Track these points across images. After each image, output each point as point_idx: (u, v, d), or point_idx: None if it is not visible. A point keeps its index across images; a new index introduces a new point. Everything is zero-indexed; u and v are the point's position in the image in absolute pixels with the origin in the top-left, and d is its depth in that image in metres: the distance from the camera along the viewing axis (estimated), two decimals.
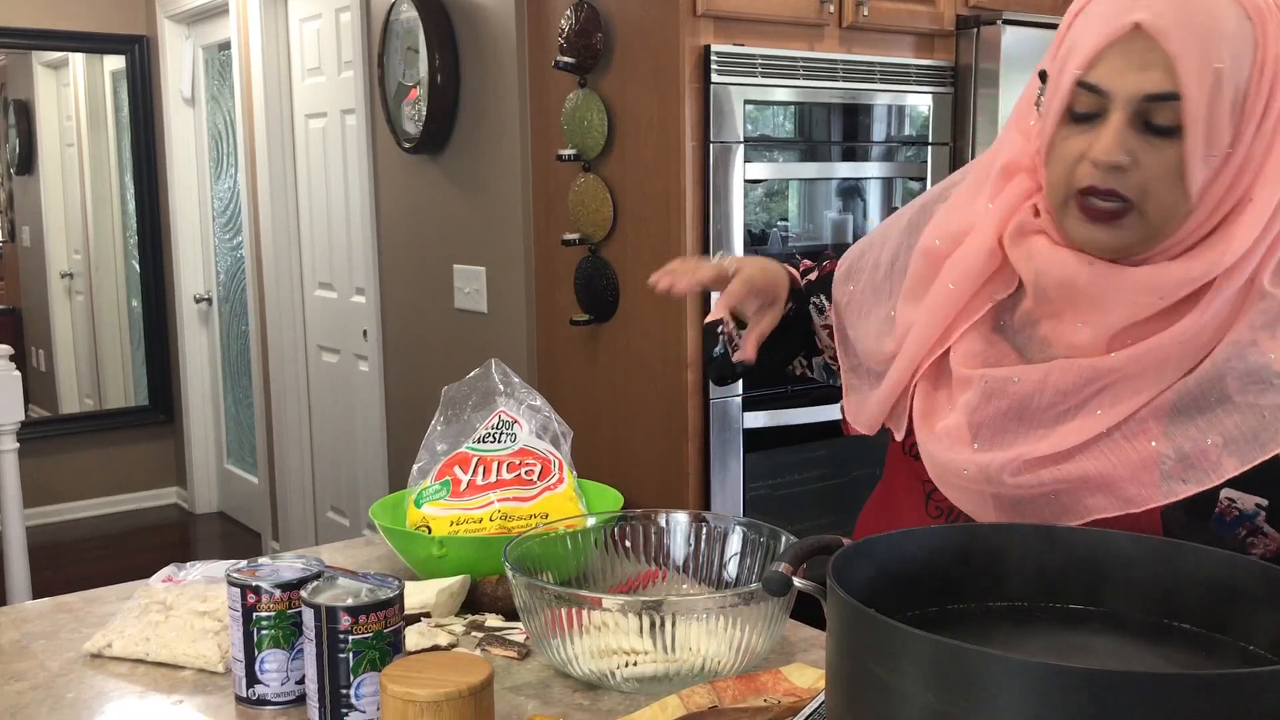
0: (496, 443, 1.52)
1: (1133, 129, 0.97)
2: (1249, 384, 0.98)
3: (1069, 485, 1.02)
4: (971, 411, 1.07)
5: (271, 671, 1.11)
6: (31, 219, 5.34)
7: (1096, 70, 0.98)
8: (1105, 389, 1.02)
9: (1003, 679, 0.68)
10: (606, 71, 2.72)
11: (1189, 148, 0.95)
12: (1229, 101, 0.95)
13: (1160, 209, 0.98)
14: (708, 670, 1.13)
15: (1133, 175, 0.98)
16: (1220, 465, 0.98)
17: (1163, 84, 0.95)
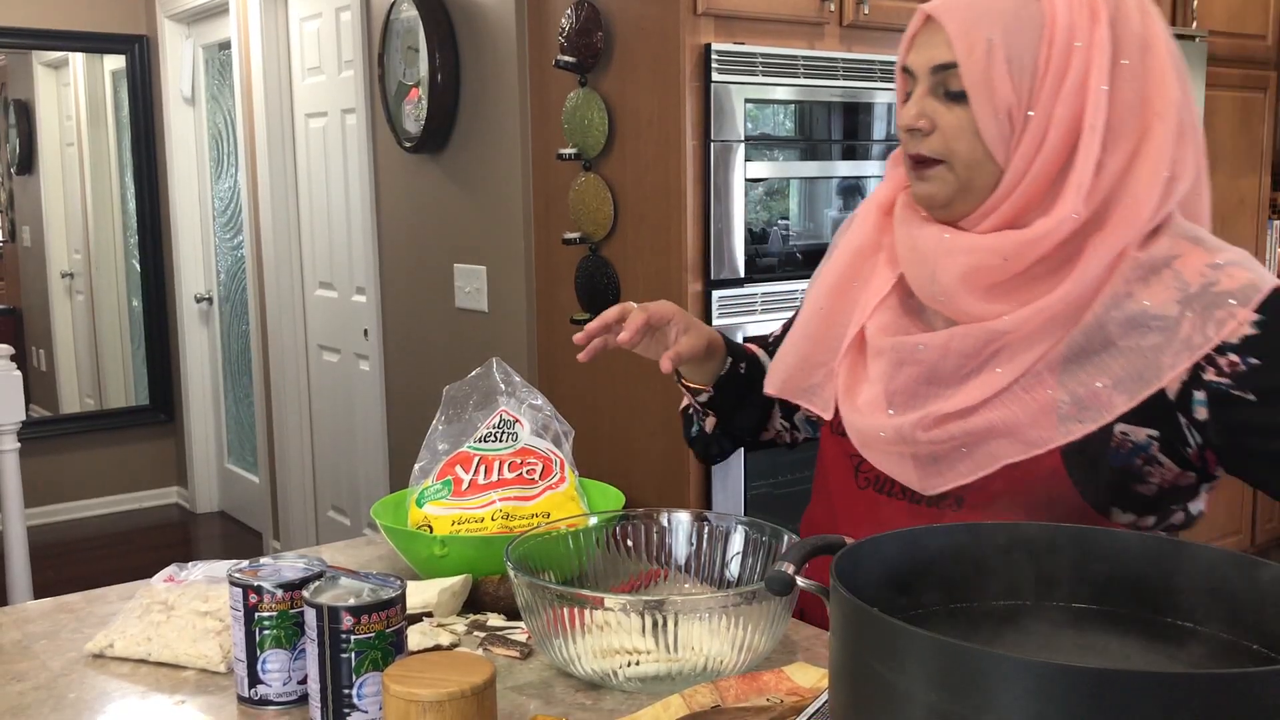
0: (498, 442, 1.52)
1: (933, 97, 1.15)
2: (1129, 329, 1.10)
3: (976, 436, 1.13)
4: (886, 381, 1.20)
5: (274, 672, 1.11)
6: (32, 219, 5.34)
7: (909, 57, 1.19)
8: (1002, 349, 1.13)
9: (1006, 678, 0.68)
10: (607, 70, 2.72)
11: (975, 105, 1.12)
12: (1008, 67, 1.11)
13: (965, 164, 1.14)
14: (710, 670, 1.13)
15: (935, 137, 1.15)
16: (1112, 403, 1.10)
17: (944, 55, 1.13)
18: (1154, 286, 1.11)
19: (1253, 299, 1.08)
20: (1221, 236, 1.19)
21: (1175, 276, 1.11)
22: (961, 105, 1.13)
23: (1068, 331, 1.12)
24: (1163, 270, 1.11)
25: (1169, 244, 1.13)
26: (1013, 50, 1.10)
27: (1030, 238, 1.12)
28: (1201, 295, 1.09)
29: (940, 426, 1.15)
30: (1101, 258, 1.11)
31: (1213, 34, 3.50)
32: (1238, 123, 3.74)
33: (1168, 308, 1.10)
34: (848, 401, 1.24)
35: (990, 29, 1.11)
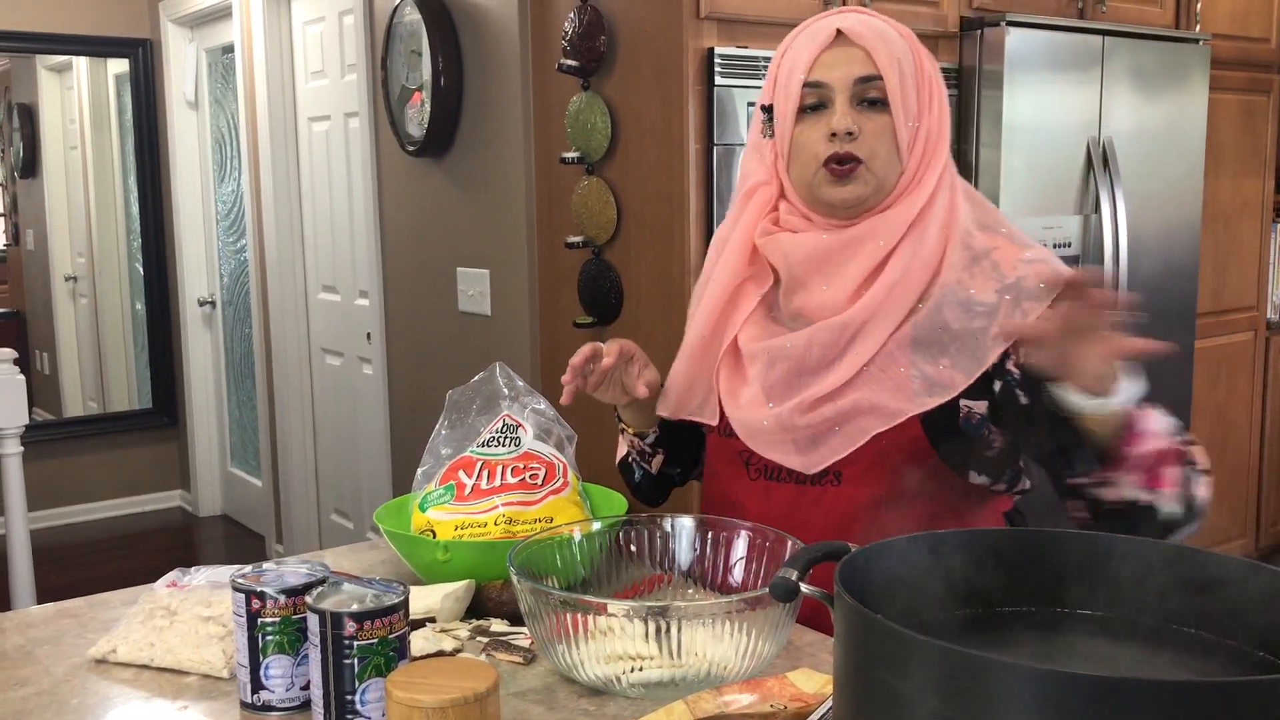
0: (501, 447, 1.52)
1: (853, 108, 1.31)
2: (962, 314, 1.29)
3: (845, 414, 1.31)
4: (763, 379, 1.36)
5: (276, 677, 1.11)
6: (35, 222, 5.35)
7: (816, 72, 1.31)
8: (857, 335, 1.31)
9: (1011, 686, 0.68)
10: (610, 74, 2.72)
11: (894, 114, 1.31)
12: (910, 83, 1.31)
13: (882, 165, 1.32)
14: (714, 676, 1.12)
15: (860, 141, 1.30)
16: (954, 381, 1.29)
17: (868, 68, 1.30)
18: (978, 276, 1.31)
19: (1044, 298, 1.27)
20: (1225, 239, 1.25)
21: (994, 268, 1.31)
22: (880, 113, 1.31)
23: (909, 311, 1.31)
24: (984, 261, 1.32)
25: (988, 238, 1.34)
26: (907, 71, 1.32)
27: (898, 219, 1.32)
28: (1015, 286, 1.29)
29: (815, 410, 1.31)
30: (922, 242, 1.32)
31: (1216, 37, 3.50)
32: (1241, 126, 3.74)
33: (989, 295, 1.29)
34: (731, 402, 1.40)
35: (896, 50, 1.31)
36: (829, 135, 1.30)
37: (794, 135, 1.33)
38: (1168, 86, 3.30)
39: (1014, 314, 1.27)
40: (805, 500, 1.36)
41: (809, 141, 1.32)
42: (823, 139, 1.31)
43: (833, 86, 1.31)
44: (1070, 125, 3.09)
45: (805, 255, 1.34)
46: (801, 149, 1.33)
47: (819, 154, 1.31)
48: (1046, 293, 1.27)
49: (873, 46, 1.30)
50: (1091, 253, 3.16)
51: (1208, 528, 3.82)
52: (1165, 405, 1.29)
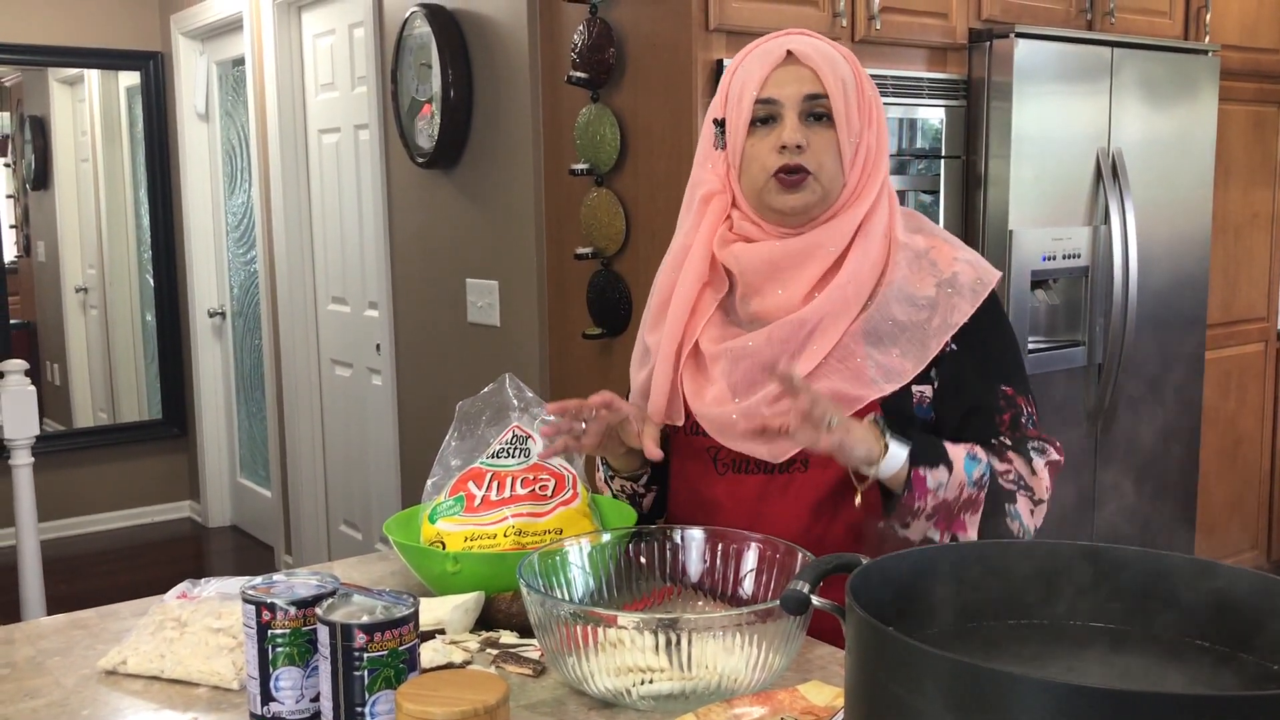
0: (510, 458, 1.52)
1: (801, 121, 1.39)
2: (908, 308, 1.41)
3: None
4: (728, 376, 1.43)
5: (286, 689, 1.11)
6: (47, 234, 5.37)
7: (767, 89, 1.40)
8: (814, 331, 1.40)
9: (1024, 699, 0.68)
10: (619, 86, 2.72)
11: (839, 130, 1.40)
12: (853, 102, 1.41)
13: (828, 176, 1.41)
14: (724, 688, 1.12)
15: (809, 154, 1.39)
16: (904, 370, 1.39)
17: (816, 87, 1.39)
18: (919, 273, 1.42)
19: (976, 297, 1.41)
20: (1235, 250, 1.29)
21: (932, 265, 1.43)
22: (826, 128, 1.40)
23: (861, 308, 1.40)
24: (923, 259, 1.43)
25: (925, 239, 1.46)
26: (850, 90, 1.41)
27: (843, 229, 1.41)
28: (951, 281, 1.41)
29: (778, 403, 1.36)
30: (870, 244, 1.42)
31: (1225, 48, 3.49)
32: (1251, 137, 3.73)
33: (929, 289, 1.41)
34: (697, 401, 1.47)
35: (841, 72, 1.41)
36: (779, 148, 1.39)
37: (745, 148, 1.42)
38: (1177, 97, 3.30)
39: (950, 308, 1.40)
40: (773, 488, 1.43)
41: (759, 154, 1.41)
42: (773, 151, 1.39)
43: (783, 103, 1.40)
44: (1079, 136, 3.09)
45: (761, 262, 1.42)
46: (752, 161, 1.42)
47: (769, 165, 1.40)
48: (982, 288, 1.42)
49: (820, 67, 1.39)
50: (1101, 264, 3.16)
51: (1219, 538, 3.82)
52: (1175, 415, 1.31)
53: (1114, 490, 3.32)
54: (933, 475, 1.32)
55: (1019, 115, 2.92)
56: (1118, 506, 3.36)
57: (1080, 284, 3.18)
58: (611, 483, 1.60)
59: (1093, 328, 3.18)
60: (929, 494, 1.32)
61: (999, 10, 3.01)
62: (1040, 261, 3.02)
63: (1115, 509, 3.35)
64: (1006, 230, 2.95)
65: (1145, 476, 3.40)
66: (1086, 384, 3.21)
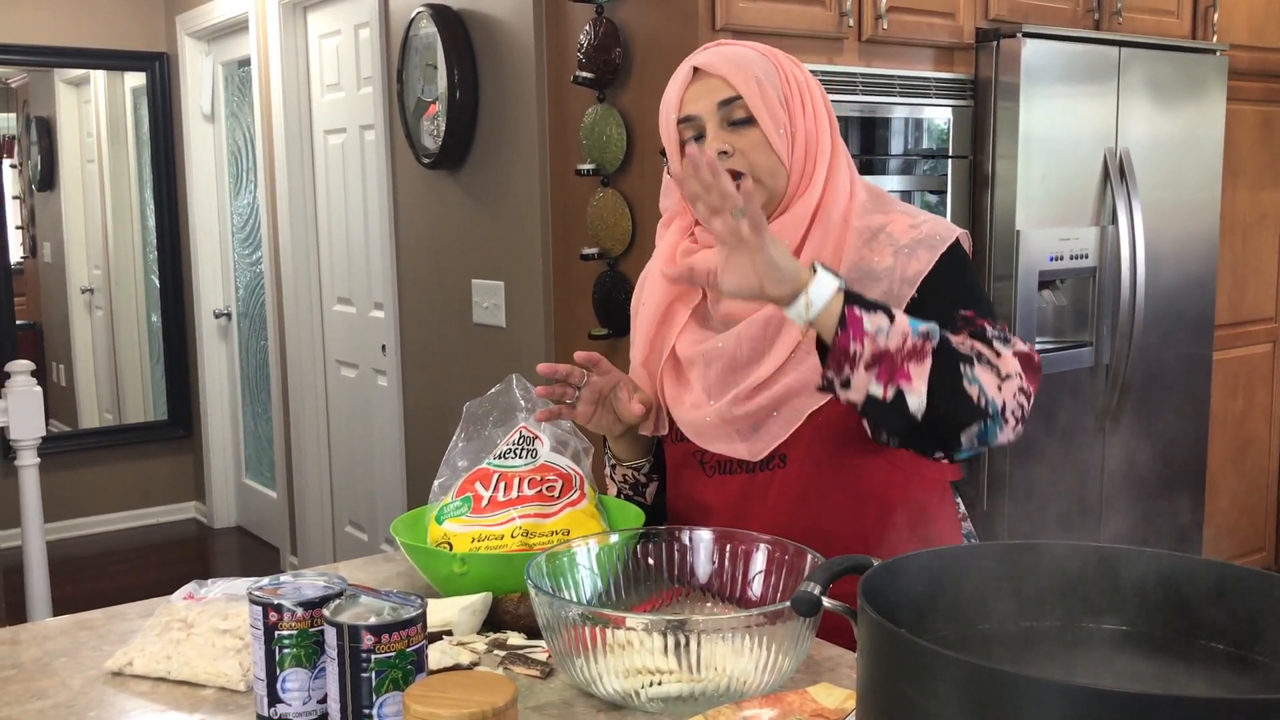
0: (517, 458, 1.51)
1: (723, 129, 1.41)
2: (868, 284, 1.39)
3: (780, 398, 1.40)
4: (702, 379, 1.46)
5: (293, 691, 1.10)
6: (52, 234, 5.38)
7: (685, 108, 1.44)
8: (780, 327, 1.40)
9: (1038, 702, 0.67)
10: (625, 86, 2.72)
11: (763, 124, 1.40)
12: (774, 96, 1.41)
13: (766, 172, 1.41)
14: (733, 690, 1.11)
15: (737, 158, 1.40)
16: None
17: (727, 92, 1.41)
18: (875, 248, 1.42)
19: (938, 247, 1.40)
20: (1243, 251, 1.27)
21: (889, 238, 1.42)
22: (749, 128, 1.40)
23: None
24: (879, 235, 1.43)
25: (881, 217, 1.45)
26: (770, 85, 1.41)
27: (794, 219, 1.42)
28: (909, 245, 1.41)
29: (751, 399, 1.41)
30: (828, 231, 1.42)
31: (1234, 48, 3.48)
32: (1259, 136, 3.72)
33: (886, 260, 1.41)
34: (677, 407, 1.50)
35: (754, 71, 1.41)
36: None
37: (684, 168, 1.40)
38: (1185, 97, 3.29)
39: (910, 263, 1.39)
40: (756, 487, 1.45)
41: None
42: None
43: (701, 116, 1.42)
44: (1087, 136, 3.08)
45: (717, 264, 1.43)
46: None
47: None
48: (940, 242, 1.41)
49: (727, 72, 1.41)
50: (1108, 264, 3.15)
51: (1227, 539, 3.81)
52: (1183, 416, 1.30)
53: (1122, 491, 3.31)
54: (870, 319, 1.23)
55: (1026, 115, 2.91)
56: (1126, 507, 3.35)
57: (1088, 285, 3.17)
58: (614, 472, 1.60)
59: (1100, 328, 3.17)
60: (866, 336, 1.23)
61: (1006, 10, 3.00)
62: (1047, 262, 3.02)
63: (1123, 510, 3.34)
64: (1014, 231, 2.94)
65: (1153, 477, 3.39)
66: (1094, 385, 3.20)
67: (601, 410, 1.49)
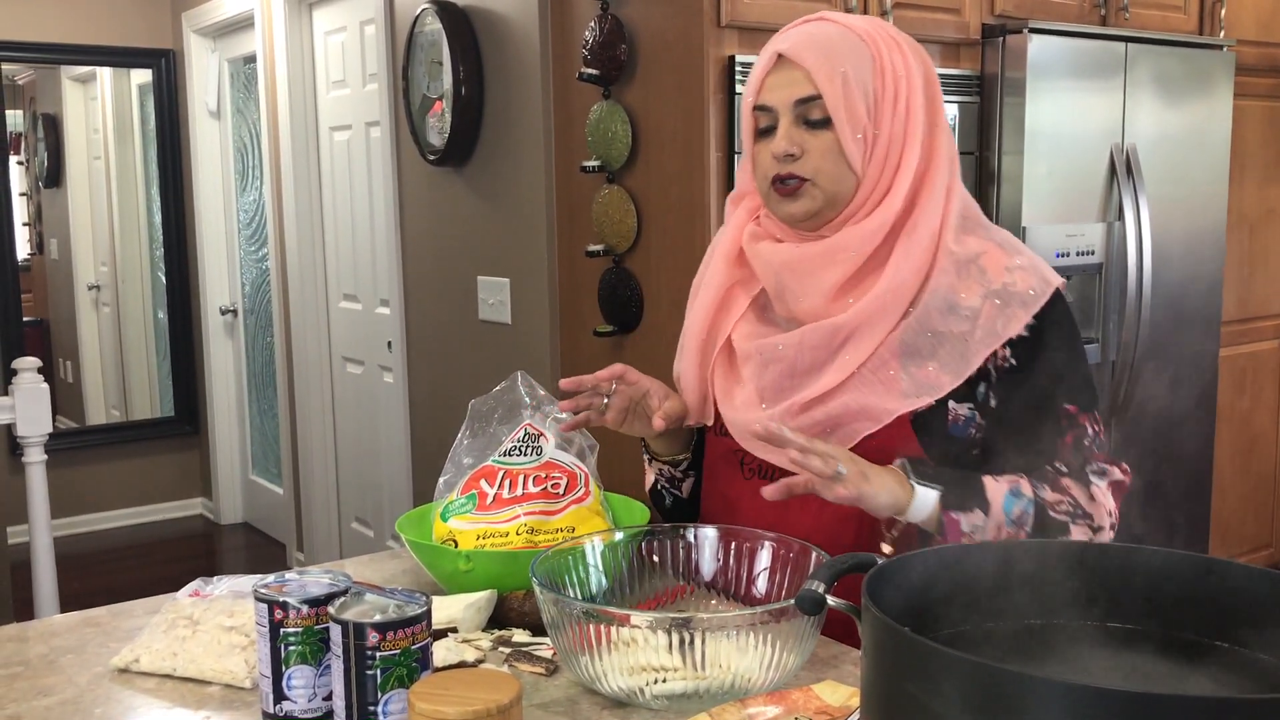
0: (522, 456, 1.51)
1: (796, 126, 1.33)
2: (949, 318, 1.31)
3: (836, 418, 1.33)
4: (757, 380, 1.39)
5: (299, 688, 1.11)
6: (59, 231, 5.38)
7: (762, 96, 1.36)
8: (848, 339, 1.33)
9: (1042, 701, 0.67)
10: (630, 83, 2.72)
11: (839, 129, 1.31)
12: (859, 95, 1.31)
13: (831, 180, 1.33)
14: (738, 688, 1.12)
15: (804, 161, 1.33)
16: (940, 383, 1.31)
17: (806, 89, 1.32)
18: (965, 281, 1.33)
19: (1032, 305, 1.31)
20: (1251, 246, 1.26)
21: (981, 273, 1.33)
22: (824, 130, 1.32)
23: (899, 318, 1.32)
24: (971, 266, 1.33)
25: (977, 243, 1.35)
26: (859, 81, 1.32)
27: (869, 229, 1.33)
28: (1002, 291, 1.32)
29: (806, 413, 1.34)
30: (914, 245, 1.33)
31: (1241, 43, 3.47)
32: (1266, 132, 3.71)
33: (975, 299, 1.32)
34: (726, 403, 1.43)
35: (842, 63, 1.31)
36: (772, 156, 1.35)
37: (754, 154, 1.39)
38: (1192, 93, 3.28)
39: (999, 318, 1.31)
40: (797, 500, 1.35)
41: (762, 162, 1.37)
42: (771, 160, 1.35)
43: (776, 110, 1.35)
44: (1093, 132, 3.07)
45: (781, 264, 1.38)
46: (758, 167, 1.38)
47: (768, 173, 1.36)
48: (1035, 300, 1.32)
49: (811, 65, 1.32)
50: (1115, 260, 3.14)
51: (1234, 537, 3.80)
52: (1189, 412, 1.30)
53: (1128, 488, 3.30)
54: (966, 519, 1.24)
55: (1032, 111, 2.91)
56: (1131, 504, 3.34)
57: (1094, 281, 3.16)
58: (650, 465, 1.58)
59: (1107, 325, 3.17)
60: (963, 537, 1.24)
61: (1012, 6, 3.00)
62: (1054, 258, 3.01)
63: (1129, 507, 3.33)
64: (1020, 227, 2.93)
65: (1159, 474, 3.39)
66: (1100, 381, 3.19)
67: (633, 416, 1.46)
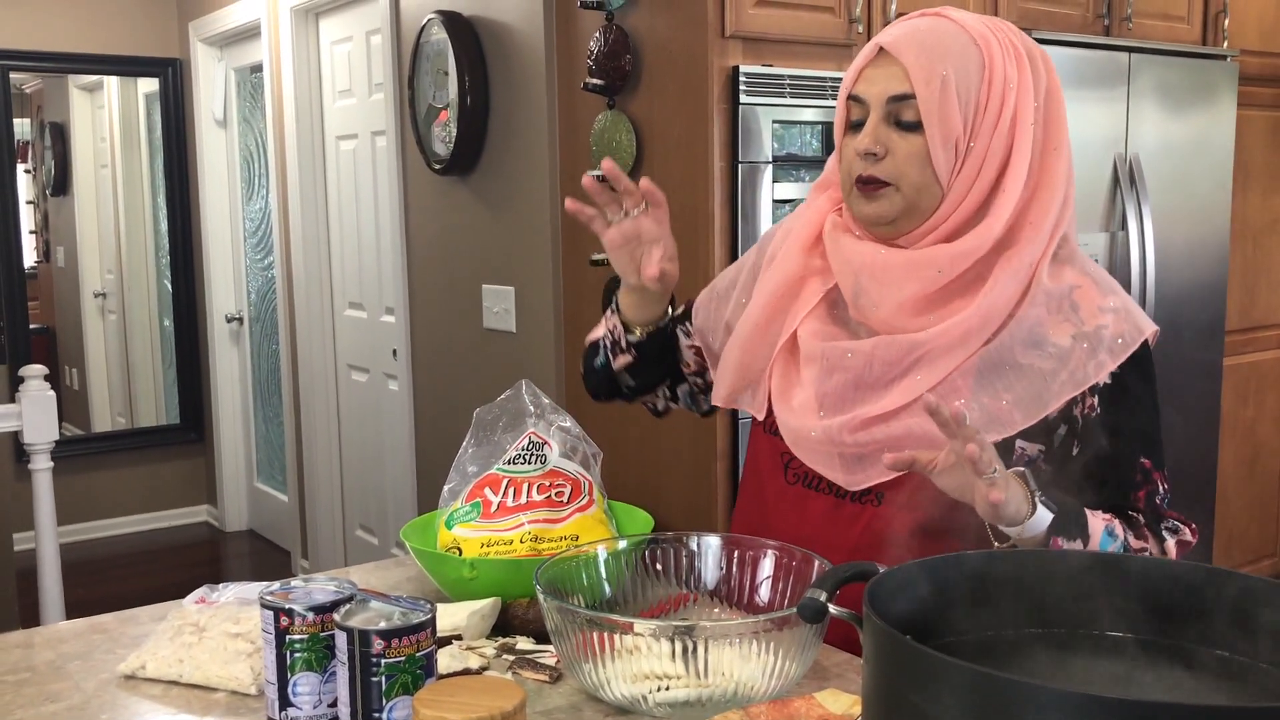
0: (527, 464, 1.52)
1: (886, 125, 1.25)
2: (1033, 352, 1.24)
3: (897, 439, 1.24)
4: (818, 385, 1.30)
5: (304, 694, 1.11)
6: (66, 239, 5.40)
7: (858, 87, 1.28)
8: (922, 359, 1.25)
9: (1042, 709, 0.68)
10: (635, 92, 2.73)
11: (929, 135, 1.23)
12: (957, 101, 1.22)
13: (913, 187, 1.25)
14: (740, 696, 1.12)
15: (888, 162, 1.25)
16: (1013, 419, 1.23)
17: (902, 86, 1.24)
18: (1055, 317, 1.25)
19: (1120, 353, 1.25)
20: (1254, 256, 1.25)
21: (1074, 309, 1.26)
22: (914, 133, 1.24)
23: (980, 346, 1.25)
24: (1064, 302, 1.26)
25: (1073, 276, 1.29)
26: (961, 87, 1.23)
27: (962, 250, 1.24)
28: (1093, 334, 1.25)
29: (865, 430, 1.26)
30: (1011, 275, 1.25)
31: (1244, 53, 3.48)
32: (1270, 142, 3.71)
33: (1064, 339, 1.25)
34: (783, 403, 1.35)
35: (944, 65, 1.23)
36: (855, 151, 1.28)
37: (841, 145, 1.31)
38: (1195, 103, 3.29)
39: (1088, 363, 1.24)
40: (842, 516, 1.32)
41: (848, 157, 1.30)
42: (856, 156, 1.28)
43: (869, 104, 1.26)
44: (1096, 142, 3.08)
45: (862, 265, 1.29)
46: (844, 161, 1.31)
47: (852, 170, 1.29)
48: (1123, 348, 1.25)
49: (911, 62, 1.23)
50: (1118, 270, 3.14)
51: (1238, 547, 3.79)
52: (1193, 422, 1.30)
53: None
54: (1070, 547, 1.17)
55: None
56: None
57: None
58: (608, 319, 1.52)
59: None
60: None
61: (1016, 16, 3.00)
62: None
63: None
64: None
65: None
66: None
67: (629, 251, 1.39)
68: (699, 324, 1.52)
